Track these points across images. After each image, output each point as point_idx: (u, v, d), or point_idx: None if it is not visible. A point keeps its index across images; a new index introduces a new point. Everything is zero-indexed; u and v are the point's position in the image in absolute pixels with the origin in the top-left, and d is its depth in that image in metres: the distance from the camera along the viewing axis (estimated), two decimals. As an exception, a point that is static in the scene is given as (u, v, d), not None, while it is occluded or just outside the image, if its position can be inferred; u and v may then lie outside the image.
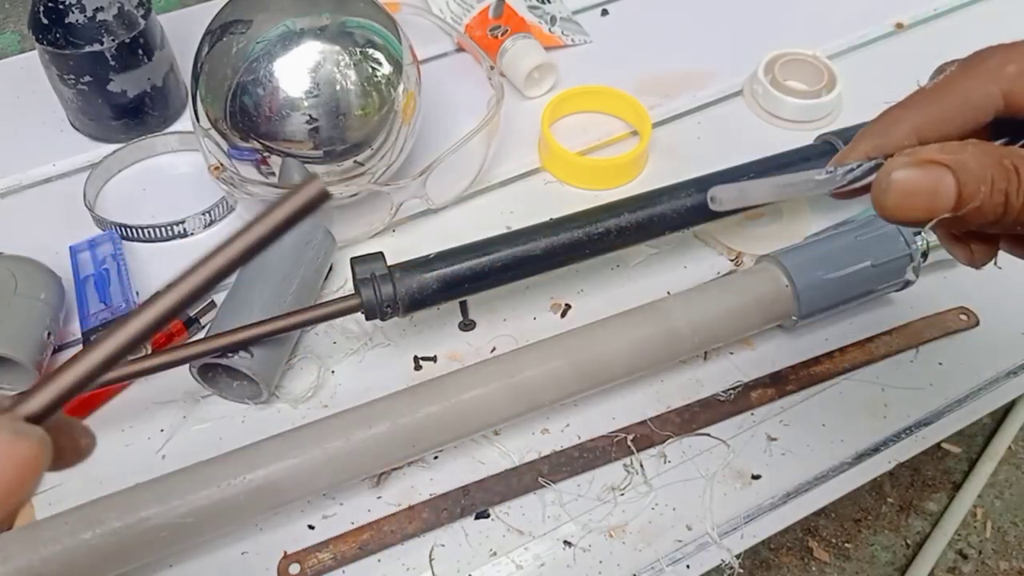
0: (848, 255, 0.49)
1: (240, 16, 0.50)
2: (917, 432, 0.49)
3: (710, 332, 0.48)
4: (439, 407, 0.43)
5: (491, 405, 0.44)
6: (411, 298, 0.47)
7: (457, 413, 0.44)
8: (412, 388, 0.45)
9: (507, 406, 0.44)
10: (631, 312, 0.48)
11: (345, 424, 0.43)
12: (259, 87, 0.49)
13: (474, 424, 0.44)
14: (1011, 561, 0.98)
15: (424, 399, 0.44)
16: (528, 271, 0.50)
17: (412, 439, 0.43)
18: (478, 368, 0.46)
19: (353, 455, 0.42)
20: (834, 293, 0.49)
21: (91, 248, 0.55)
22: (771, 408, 0.50)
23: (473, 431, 0.45)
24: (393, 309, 0.47)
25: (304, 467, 0.41)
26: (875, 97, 0.68)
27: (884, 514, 1.01)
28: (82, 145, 0.64)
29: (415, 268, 0.47)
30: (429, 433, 0.43)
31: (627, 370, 0.47)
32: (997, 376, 0.51)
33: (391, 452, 0.43)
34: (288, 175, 0.52)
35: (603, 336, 0.46)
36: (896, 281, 0.50)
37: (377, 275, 0.47)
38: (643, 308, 0.48)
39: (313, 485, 0.42)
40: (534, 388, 0.45)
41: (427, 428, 0.43)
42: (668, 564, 0.44)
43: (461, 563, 0.44)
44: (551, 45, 0.71)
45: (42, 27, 0.57)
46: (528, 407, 0.45)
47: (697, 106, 0.68)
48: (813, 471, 0.47)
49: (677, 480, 0.47)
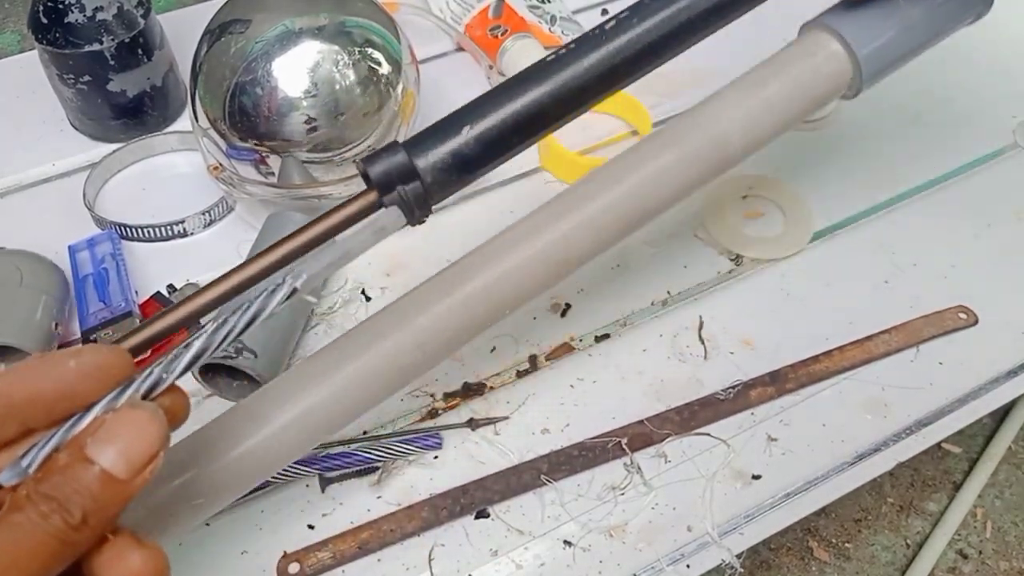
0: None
1: (239, 16, 0.50)
2: (917, 432, 0.49)
3: (762, 130, 0.40)
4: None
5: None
6: (443, 171, 0.33)
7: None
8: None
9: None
10: (672, 125, 0.40)
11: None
12: (258, 87, 0.49)
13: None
14: (1011, 561, 0.98)
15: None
16: (588, 97, 0.36)
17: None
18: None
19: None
20: (900, 44, 0.41)
21: (90, 247, 0.55)
22: (771, 407, 0.50)
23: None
24: (427, 193, 0.33)
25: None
26: (875, 96, 0.69)
27: (884, 514, 1.01)
28: (82, 145, 0.64)
29: (437, 137, 0.34)
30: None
31: (674, 197, 0.39)
32: (997, 376, 0.51)
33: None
34: (287, 175, 0.52)
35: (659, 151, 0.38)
36: (969, 14, 0.42)
37: (392, 159, 0.33)
38: (682, 118, 0.40)
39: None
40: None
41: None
42: (668, 564, 0.44)
43: (461, 562, 0.44)
44: (551, 45, 0.71)
45: (42, 27, 0.57)
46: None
47: (697, 106, 0.68)
48: (813, 471, 0.47)
49: (677, 480, 0.47)
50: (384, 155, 0.33)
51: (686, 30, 0.37)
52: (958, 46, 0.76)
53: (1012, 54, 0.72)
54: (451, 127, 0.33)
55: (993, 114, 0.67)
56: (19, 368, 0.25)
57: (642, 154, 0.39)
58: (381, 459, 0.46)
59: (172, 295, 0.53)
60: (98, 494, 0.24)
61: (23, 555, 0.23)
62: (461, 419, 0.48)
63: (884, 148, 0.65)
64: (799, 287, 0.56)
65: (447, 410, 0.49)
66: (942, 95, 0.69)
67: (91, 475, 0.24)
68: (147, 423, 0.25)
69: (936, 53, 0.44)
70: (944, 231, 0.59)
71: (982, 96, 0.69)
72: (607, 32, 0.35)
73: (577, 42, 0.35)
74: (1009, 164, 0.64)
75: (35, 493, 0.23)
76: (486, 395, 0.50)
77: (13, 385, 0.25)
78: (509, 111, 0.34)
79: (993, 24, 0.58)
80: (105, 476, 0.24)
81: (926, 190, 0.62)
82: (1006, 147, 0.65)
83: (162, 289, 0.54)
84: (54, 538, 0.23)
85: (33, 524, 0.23)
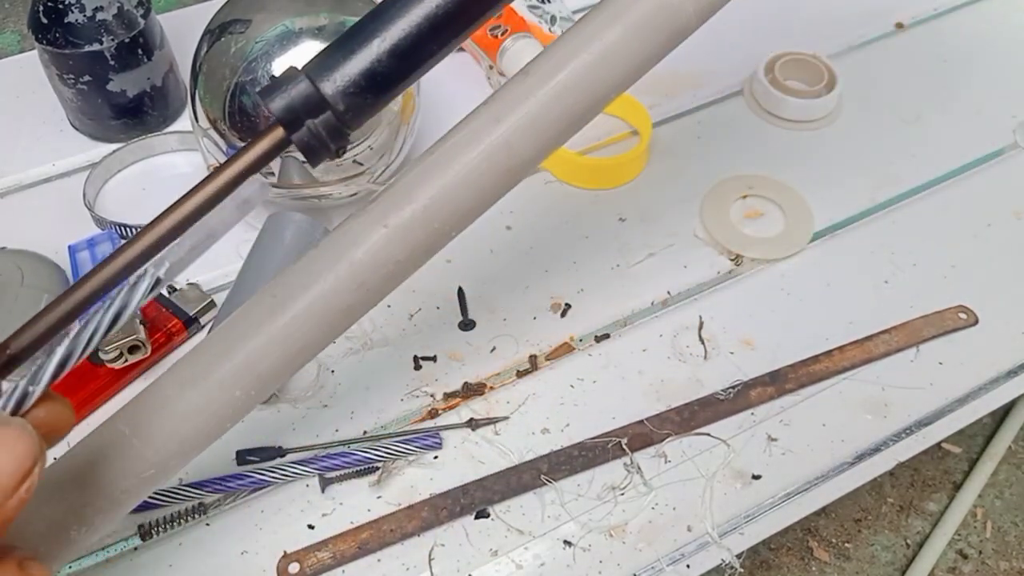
0: None
1: (239, 16, 0.50)
2: (917, 432, 0.49)
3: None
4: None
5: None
6: (356, 95, 0.29)
7: None
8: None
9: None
10: (613, 2, 0.34)
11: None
12: (258, 87, 0.49)
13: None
14: (1011, 561, 0.98)
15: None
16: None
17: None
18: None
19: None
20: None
21: (90, 247, 0.55)
22: (771, 407, 0.50)
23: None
24: (341, 122, 0.30)
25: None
26: (875, 97, 0.69)
27: (884, 514, 1.01)
28: (82, 145, 0.64)
29: (343, 56, 0.30)
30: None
31: (625, 80, 0.34)
32: (997, 376, 0.51)
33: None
34: (287, 175, 0.52)
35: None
36: None
37: (296, 90, 0.29)
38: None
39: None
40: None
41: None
42: (668, 564, 0.44)
43: (461, 562, 0.44)
44: (551, 45, 0.71)
45: (42, 27, 0.57)
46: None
47: (697, 106, 0.68)
48: (813, 471, 0.47)
49: (677, 480, 0.47)
50: (284, 85, 0.28)
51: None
52: (958, 46, 0.77)
53: (1012, 54, 0.72)
54: (357, 43, 0.29)
55: (993, 114, 0.67)
56: None
57: (585, 33, 0.33)
58: (381, 459, 0.46)
59: (172, 295, 0.53)
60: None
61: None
62: (461, 419, 0.48)
63: (884, 148, 0.65)
64: (799, 287, 0.56)
65: (447, 410, 0.49)
66: (942, 95, 0.69)
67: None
68: (15, 441, 0.23)
69: (936, 52, 0.44)
70: (944, 231, 0.59)
71: (982, 96, 0.69)
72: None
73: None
74: (1009, 164, 0.64)
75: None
76: (486, 395, 0.50)
77: None
78: (423, 11, 0.29)
79: (993, 24, 0.58)
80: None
81: (926, 190, 0.62)
82: (1006, 147, 0.65)
83: (162, 289, 0.54)
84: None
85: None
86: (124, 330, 0.48)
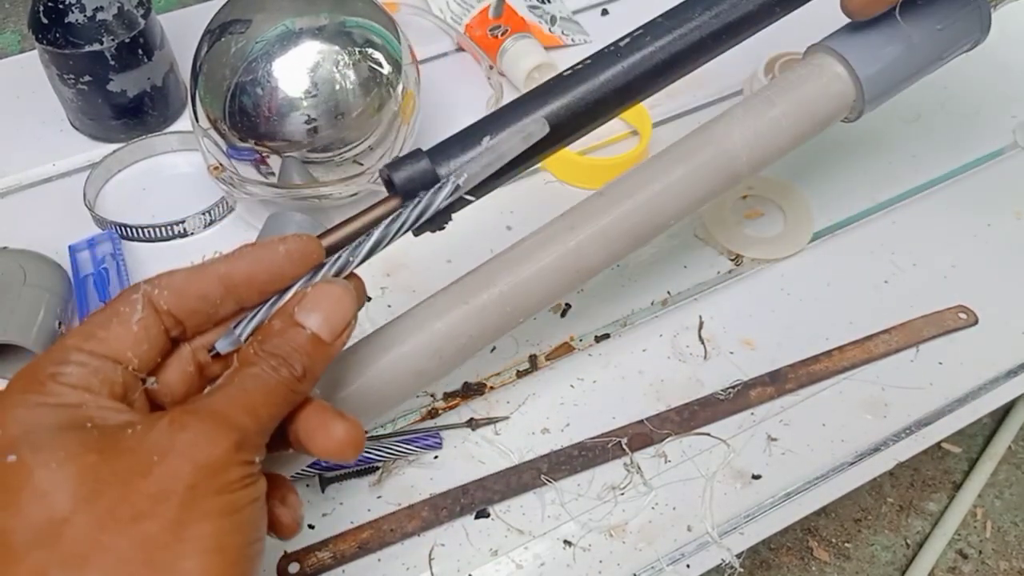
0: (906, 25, 0.42)
1: (239, 16, 0.50)
2: (917, 432, 0.49)
3: (769, 148, 0.41)
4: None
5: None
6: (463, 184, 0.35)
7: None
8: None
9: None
10: (682, 143, 0.41)
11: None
12: (258, 87, 0.49)
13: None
14: (1011, 561, 0.98)
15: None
16: (604, 111, 0.38)
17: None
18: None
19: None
20: (900, 68, 0.43)
21: (90, 247, 0.55)
22: (771, 407, 0.50)
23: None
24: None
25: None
26: (875, 97, 0.69)
27: (884, 514, 1.01)
28: (82, 145, 0.64)
29: (459, 146, 0.36)
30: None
31: (684, 210, 0.41)
32: (997, 376, 0.51)
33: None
34: (287, 175, 0.52)
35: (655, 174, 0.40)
36: (966, 40, 0.44)
37: (416, 166, 0.35)
38: (691, 136, 0.42)
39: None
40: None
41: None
42: (668, 564, 0.44)
43: (461, 562, 0.44)
44: (551, 45, 0.71)
45: (42, 26, 0.57)
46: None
47: (697, 105, 0.68)
48: (813, 471, 0.47)
49: (677, 480, 0.47)
50: (408, 161, 0.34)
51: (697, 49, 0.38)
52: (958, 46, 0.76)
53: (1012, 54, 0.72)
54: (471, 137, 0.35)
55: (993, 114, 0.67)
56: (234, 255, 0.30)
57: (653, 169, 0.40)
58: (381, 459, 0.46)
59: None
60: (311, 353, 0.29)
61: (262, 398, 0.28)
62: (461, 419, 0.48)
63: (884, 148, 0.65)
64: (799, 287, 0.56)
65: (447, 410, 0.49)
66: (942, 95, 0.69)
67: (303, 337, 0.29)
68: (343, 295, 0.30)
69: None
70: (944, 231, 0.59)
71: (982, 96, 0.69)
72: (622, 49, 0.37)
73: (593, 58, 0.36)
74: (1009, 164, 0.64)
75: (262, 351, 0.28)
76: (486, 395, 0.50)
77: (233, 269, 0.30)
78: (520, 127, 0.36)
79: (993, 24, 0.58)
80: (314, 338, 0.29)
81: (926, 190, 0.62)
82: (1006, 147, 0.65)
83: (162, 289, 0.54)
84: (284, 386, 0.28)
85: (267, 375, 0.28)
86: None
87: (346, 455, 0.29)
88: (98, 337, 0.28)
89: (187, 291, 0.29)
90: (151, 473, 0.25)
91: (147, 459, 0.25)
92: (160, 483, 0.25)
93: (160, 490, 0.25)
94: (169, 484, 0.25)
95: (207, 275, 0.29)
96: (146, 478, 0.25)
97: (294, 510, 0.31)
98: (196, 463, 0.25)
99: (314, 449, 0.29)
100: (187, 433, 0.26)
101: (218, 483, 0.25)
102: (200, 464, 0.25)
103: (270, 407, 0.28)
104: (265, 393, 0.28)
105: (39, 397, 0.26)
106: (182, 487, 0.25)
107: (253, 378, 0.28)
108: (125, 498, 0.24)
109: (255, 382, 0.28)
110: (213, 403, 0.27)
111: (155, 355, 0.29)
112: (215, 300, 0.30)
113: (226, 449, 0.26)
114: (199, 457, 0.25)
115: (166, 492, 0.25)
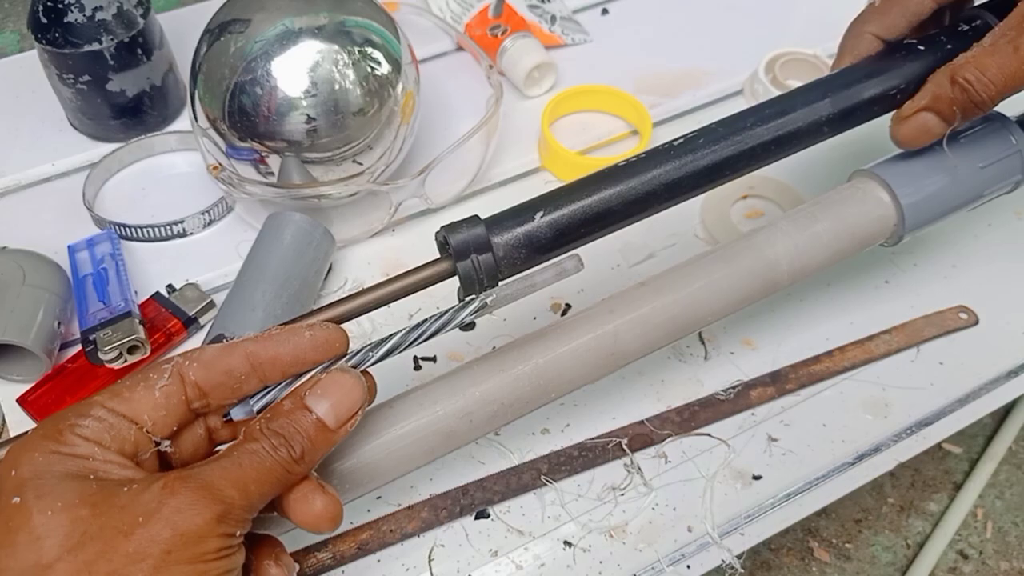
0: (951, 160, 0.43)
1: (238, 15, 0.50)
2: (918, 432, 0.49)
3: (809, 261, 0.43)
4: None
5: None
6: (515, 248, 0.37)
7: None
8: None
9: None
10: (728, 245, 0.43)
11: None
12: (257, 87, 0.49)
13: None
14: (1012, 561, 0.98)
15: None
16: (653, 203, 0.40)
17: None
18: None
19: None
20: (942, 199, 0.44)
21: (89, 247, 0.55)
22: (771, 408, 0.49)
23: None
24: (498, 265, 0.37)
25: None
26: (875, 96, 0.69)
27: (885, 514, 1.01)
28: (81, 144, 0.64)
29: (514, 219, 0.37)
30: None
31: (723, 310, 0.42)
32: (998, 376, 0.51)
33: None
34: (287, 175, 0.52)
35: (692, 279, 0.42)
36: (1006, 182, 0.45)
37: (472, 231, 0.37)
38: (737, 241, 0.44)
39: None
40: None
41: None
42: (668, 564, 0.43)
43: (461, 563, 0.44)
44: (551, 44, 0.71)
45: (41, 26, 0.57)
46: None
47: (697, 105, 0.68)
48: (813, 471, 0.47)
49: (677, 480, 0.46)
50: (465, 226, 0.36)
51: (747, 157, 0.40)
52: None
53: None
54: (527, 212, 0.37)
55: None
56: (263, 335, 0.32)
57: (696, 267, 0.42)
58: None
59: (171, 295, 0.53)
60: (313, 437, 0.30)
61: (255, 475, 0.29)
62: (461, 419, 0.48)
63: (884, 148, 0.65)
64: (799, 287, 0.55)
65: (447, 410, 0.49)
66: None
67: (309, 421, 0.30)
68: (354, 385, 0.31)
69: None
70: (944, 231, 0.59)
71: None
72: (675, 148, 0.39)
73: (648, 153, 0.39)
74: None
75: (267, 429, 0.30)
76: (486, 395, 0.50)
77: (260, 348, 0.31)
78: (579, 205, 0.38)
79: (994, 24, 0.57)
80: (319, 423, 0.30)
81: (926, 190, 0.62)
82: (1007, 147, 0.65)
83: (161, 289, 0.53)
84: (280, 466, 0.29)
85: (265, 453, 0.29)
86: (123, 330, 0.48)
87: (322, 528, 0.31)
88: (122, 397, 0.29)
89: (215, 365, 0.31)
90: (133, 533, 0.26)
91: (133, 519, 0.26)
92: (138, 544, 0.26)
93: (137, 551, 0.26)
94: (147, 547, 0.26)
95: (236, 352, 0.31)
96: (128, 537, 0.26)
97: (288, 569, 0.32)
98: (176, 530, 0.26)
99: (293, 518, 0.31)
100: (175, 499, 0.27)
101: (193, 552, 0.26)
102: (180, 531, 0.26)
103: (261, 484, 0.29)
104: (259, 471, 0.29)
105: (54, 445, 0.28)
106: (158, 551, 0.26)
107: (251, 454, 0.29)
108: (104, 554, 0.26)
109: (252, 459, 0.29)
110: (206, 473, 0.28)
111: (172, 422, 0.30)
112: (240, 376, 0.31)
113: (207, 520, 0.27)
114: (180, 524, 0.26)
115: (142, 554, 0.26)
